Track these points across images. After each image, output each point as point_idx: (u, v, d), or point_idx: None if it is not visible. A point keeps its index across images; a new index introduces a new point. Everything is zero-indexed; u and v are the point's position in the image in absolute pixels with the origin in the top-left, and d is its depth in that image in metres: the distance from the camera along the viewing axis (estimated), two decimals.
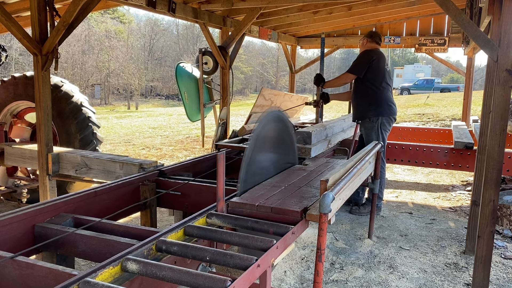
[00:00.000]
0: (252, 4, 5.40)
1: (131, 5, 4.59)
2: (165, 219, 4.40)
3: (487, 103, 3.05)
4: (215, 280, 1.46)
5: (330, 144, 4.32)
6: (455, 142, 5.15)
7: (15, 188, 4.87)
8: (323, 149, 4.10)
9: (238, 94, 40.55)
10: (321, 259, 1.97)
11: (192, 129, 12.48)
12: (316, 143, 3.85)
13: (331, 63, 57.53)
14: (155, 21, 44.83)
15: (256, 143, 2.63)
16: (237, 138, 4.79)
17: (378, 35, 4.55)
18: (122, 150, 8.94)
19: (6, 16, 3.62)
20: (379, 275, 3.14)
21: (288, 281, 3.02)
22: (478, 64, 39.08)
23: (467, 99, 8.70)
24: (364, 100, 4.40)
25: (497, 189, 2.83)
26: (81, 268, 3.10)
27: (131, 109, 30.05)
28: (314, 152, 3.75)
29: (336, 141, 4.62)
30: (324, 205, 1.94)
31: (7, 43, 25.15)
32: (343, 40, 8.91)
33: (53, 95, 4.24)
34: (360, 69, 4.34)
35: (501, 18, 2.72)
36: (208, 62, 6.01)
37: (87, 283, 1.47)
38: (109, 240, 2.06)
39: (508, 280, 3.14)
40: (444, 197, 5.38)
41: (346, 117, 5.31)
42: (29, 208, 2.30)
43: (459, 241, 3.83)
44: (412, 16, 8.18)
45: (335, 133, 4.62)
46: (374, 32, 4.60)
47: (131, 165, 3.43)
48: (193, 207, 2.91)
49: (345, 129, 5.07)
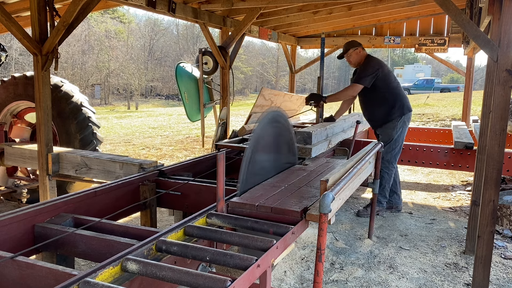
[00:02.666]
0: (252, 4, 5.40)
1: (131, 5, 4.58)
2: (165, 219, 4.40)
3: (487, 103, 3.05)
4: (215, 280, 1.46)
5: (330, 144, 4.30)
6: (455, 142, 5.15)
7: (15, 188, 4.87)
8: (324, 149, 4.09)
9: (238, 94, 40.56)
10: (321, 259, 1.97)
11: (192, 129, 12.48)
12: (317, 143, 3.85)
13: (331, 63, 57.53)
14: (155, 21, 44.85)
15: (256, 143, 2.63)
16: (237, 138, 4.79)
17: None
18: (122, 150, 8.94)
19: (6, 16, 3.61)
20: (379, 275, 3.14)
21: (288, 281, 3.02)
22: (478, 64, 39.05)
23: (467, 99, 8.70)
24: (384, 106, 4.43)
25: (497, 189, 2.83)
26: (81, 268, 3.10)
27: (131, 109, 30.04)
28: (315, 152, 3.75)
29: (336, 141, 4.59)
30: (324, 205, 1.94)
31: (7, 43, 25.14)
32: (343, 40, 8.88)
33: (53, 95, 4.24)
34: (368, 80, 4.36)
35: (501, 18, 2.72)
36: (208, 62, 6.01)
37: (87, 283, 1.47)
38: (109, 240, 2.06)
39: (508, 280, 3.14)
40: (444, 197, 5.38)
41: (346, 117, 5.30)
42: (29, 208, 2.30)
43: (459, 241, 3.83)
44: (412, 16, 8.18)
45: (335, 133, 4.61)
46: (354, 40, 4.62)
47: (131, 165, 3.43)
48: (193, 207, 2.91)
49: (346, 129, 5.05)
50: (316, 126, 4.33)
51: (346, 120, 5.13)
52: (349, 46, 4.52)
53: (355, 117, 5.41)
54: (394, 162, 4.52)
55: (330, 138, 4.31)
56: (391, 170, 4.49)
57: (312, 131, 3.76)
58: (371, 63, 4.44)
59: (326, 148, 4.18)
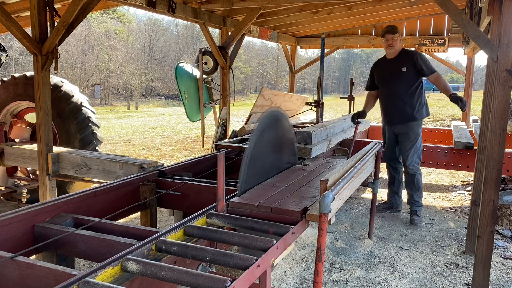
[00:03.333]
0: (252, 4, 5.40)
1: (131, 5, 4.59)
2: (165, 219, 4.40)
3: (487, 103, 3.05)
4: (215, 280, 1.46)
5: (330, 144, 4.28)
6: (455, 142, 5.14)
7: (15, 188, 4.87)
8: (324, 149, 4.07)
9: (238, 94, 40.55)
10: (321, 259, 1.97)
11: (192, 129, 12.48)
12: (317, 143, 3.85)
13: (331, 63, 57.58)
14: (155, 21, 44.85)
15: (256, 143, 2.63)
16: (237, 138, 4.79)
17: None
18: (122, 150, 8.94)
19: (6, 16, 3.62)
20: (379, 275, 3.14)
21: (288, 281, 3.02)
22: (478, 64, 39.05)
23: (467, 99, 8.70)
24: (417, 102, 4.23)
25: (497, 189, 2.83)
26: (81, 268, 3.10)
27: (131, 109, 30.04)
28: (315, 152, 3.74)
29: (336, 141, 4.56)
30: (324, 205, 1.94)
31: (7, 43, 25.13)
32: (343, 40, 8.91)
33: (53, 95, 4.24)
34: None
35: (501, 18, 2.73)
36: (208, 62, 6.01)
37: (87, 283, 1.47)
38: (109, 240, 2.06)
39: (508, 280, 3.14)
40: (444, 197, 5.38)
41: (346, 117, 5.29)
42: (29, 208, 2.30)
43: (459, 241, 3.83)
44: (412, 16, 8.18)
45: (335, 133, 4.60)
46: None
47: (131, 165, 3.43)
48: (193, 207, 2.91)
49: (346, 129, 5.04)
50: (316, 126, 4.33)
51: (346, 120, 5.11)
52: (396, 30, 4.20)
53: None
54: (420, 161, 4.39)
55: (330, 138, 4.30)
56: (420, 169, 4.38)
57: (312, 131, 3.76)
58: (421, 54, 4.27)
59: (326, 148, 4.17)
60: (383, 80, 4.37)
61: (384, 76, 4.36)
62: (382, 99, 4.47)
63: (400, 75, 4.19)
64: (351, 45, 9.05)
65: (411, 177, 4.32)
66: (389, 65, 4.30)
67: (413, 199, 4.35)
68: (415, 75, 4.18)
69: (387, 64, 4.33)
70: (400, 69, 4.19)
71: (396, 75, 4.22)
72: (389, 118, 4.42)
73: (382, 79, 4.38)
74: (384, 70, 4.36)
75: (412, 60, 4.15)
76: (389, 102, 4.36)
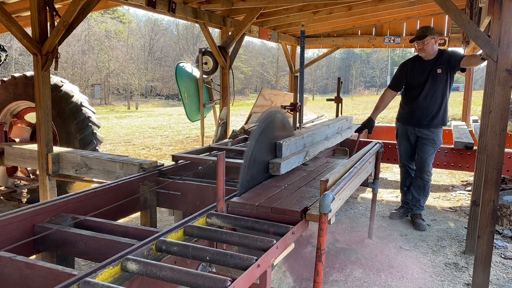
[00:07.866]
0: (252, 4, 5.40)
1: (131, 5, 4.59)
2: (165, 219, 4.40)
3: (487, 103, 3.05)
4: (215, 280, 1.45)
5: (308, 156, 3.44)
6: (455, 142, 5.14)
7: (15, 188, 4.87)
8: (299, 163, 3.24)
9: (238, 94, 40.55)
10: (321, 259, 1.97)
11: (192, 129, 12.49)
12: (289, 156, 3.05)
13: (331, 63, 57.59)
14: (155, 21, 44.86)
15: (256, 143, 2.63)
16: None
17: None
18: (122, 150, 8.94)
19: (6, 16, 3.62)
20: (379, 275, 3.14)
21: (288, 281, 3.02)
22: None
23: (467, 99, 8.70)
24: (443, 106, 4.10)
25: (497, 189, 2.83)
26: (81, 268, 3.09)
27: (131, 109, 30.05)
28: (285, 168, 2.93)
29: (317, 152, 3.68)
30: (324, 205, 1.94)
31: (7, 43, 25.13)
32: (343, 40, 8.91)
33: (53, 95, 4.24)
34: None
35: (501, 18, 2.73)
36: (208, 62, 6.01)
37: (87, 283, 1.46)
38: (109, 240, 2.06)
39: (508, 280, 3.14)
40: (444, 197, 5.38)
41: (331, 123, 4.58)
42: (29, 208, 2.30)
43: (459, 241, 3.83)
44: (412, 16, 8.18)
45: (315, 143, 3.75)
46: (432, 27, 4.13)
47: (131, 165, 3.43)
48: (193, 207, 2.91)
49: (329, 137, 4.20)
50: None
51: (330, 126, 4.36)
52: (428, 32, 3.93)
53: (341, 122, 4.85)
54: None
55: (307, 149, 3.45)
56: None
57: (283, 142, 2.96)
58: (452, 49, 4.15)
59: (303, 161, 3.34)
60: (417, 80, 4.13)
61: (418, 77, 4.11)
62: (410, 100, 4.22)
63: (435, 77, 4.02)
64: (351, 45, 9.05)
65: (424, 182, 4.23)
66: (424, 66, 4.09)
67: (419, 203, 4.29)
68: (449, 77, 4.04)
69: (422, 64, 4.11)
70: (436, 70, 4.01)
71: (431, 77, 4.04)
72: (415, 120, 4.19)
73: (416, 79, 4.13)
74: (419, 70, 4.11)
75: (446, 60, 4.00)
76: (420, 104, 4.12)
